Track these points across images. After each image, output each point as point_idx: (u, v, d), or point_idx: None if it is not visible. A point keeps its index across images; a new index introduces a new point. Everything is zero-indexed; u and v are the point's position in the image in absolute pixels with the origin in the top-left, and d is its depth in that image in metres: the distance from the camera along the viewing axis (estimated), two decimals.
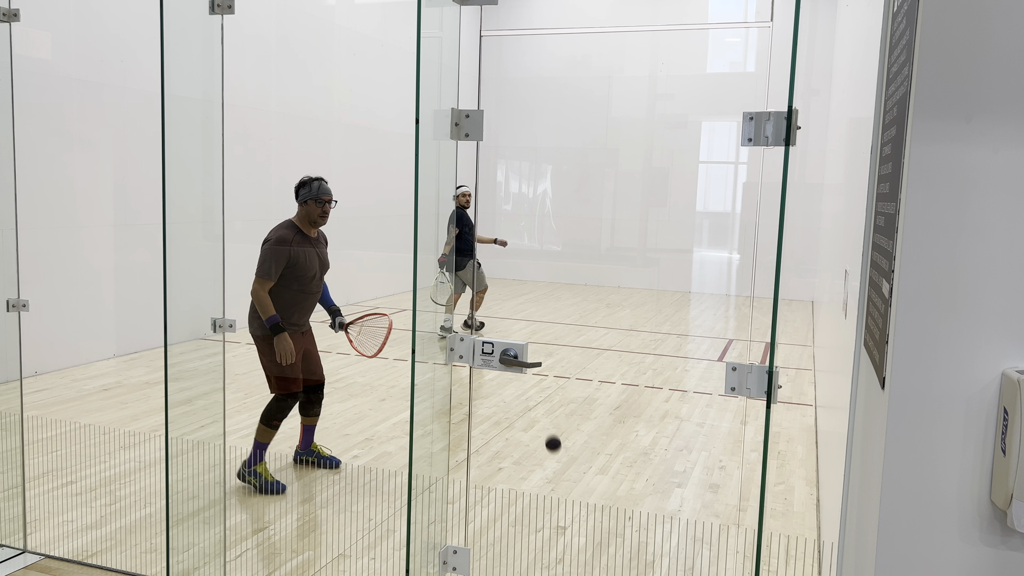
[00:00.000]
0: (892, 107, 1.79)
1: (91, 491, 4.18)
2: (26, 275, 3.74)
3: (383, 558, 3.56)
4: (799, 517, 4.10)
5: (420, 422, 2.62)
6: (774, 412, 3.40)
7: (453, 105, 2.41)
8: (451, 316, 8.33)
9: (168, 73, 2.83)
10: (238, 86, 8.26)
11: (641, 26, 13.34)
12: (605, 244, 13.87)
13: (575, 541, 3.76)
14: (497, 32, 14.05)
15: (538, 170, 14.21)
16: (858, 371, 2.19)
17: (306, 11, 9.70)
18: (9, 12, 3.29)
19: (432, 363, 2.61)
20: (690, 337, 9.31)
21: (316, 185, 4.33)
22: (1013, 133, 1.41)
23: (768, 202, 12.01)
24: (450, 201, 2.69)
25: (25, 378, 4.41)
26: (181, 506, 3.09)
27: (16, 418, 3.56)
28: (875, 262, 1.91)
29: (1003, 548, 1.49)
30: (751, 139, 2.01)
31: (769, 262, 12.53)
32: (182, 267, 2.99)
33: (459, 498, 3.95)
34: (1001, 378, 1.45)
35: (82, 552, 3.52)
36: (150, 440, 4.96)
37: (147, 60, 7.25)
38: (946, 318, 1.47)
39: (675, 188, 13.22)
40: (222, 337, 3.10)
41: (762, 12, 12.61)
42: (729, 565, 3.57)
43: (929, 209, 1.46)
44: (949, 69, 1.43)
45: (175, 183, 2.92)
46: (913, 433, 1.51)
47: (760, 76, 12.60)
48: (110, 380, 6.43)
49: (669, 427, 5.61)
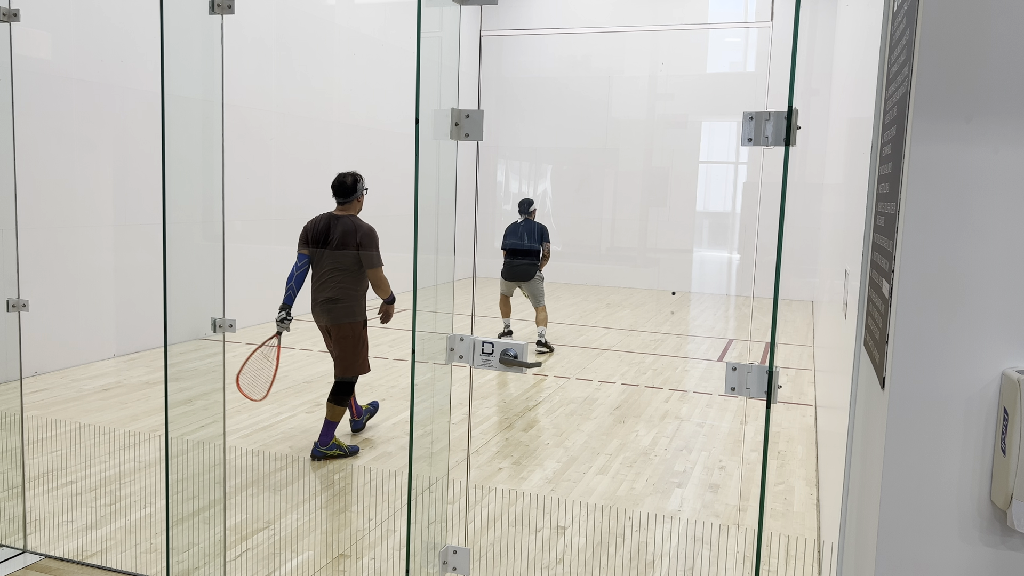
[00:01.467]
0: (892, 107, 1.79)
1: (91, 491, 4.18)
2: (26, 275, 3.74)
3: (383, 558, 3.56)
4: (799, 517, 4.10)
5: (420, 422, 2.62)
6: (774, 412, 3.40)
7: (453, 105, 2.41)
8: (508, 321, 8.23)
9: (168, 73, 2.83)
10: (238, 86, 8.27)
11: (641, 26, 13.34)
12: (605, 244, 13.87)
13: (575, 541, 3.76)
14: (497, 32, 14.05)
15: (538, 170, 14.21)
16: (858, 371, 2.19)
17: (306, 11, 9.70)
18: (9, 12, 3.29)
19: (432, 363, 2.60)
20: (690, 337, 9.31)
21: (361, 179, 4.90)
22: (1013, 133, 1.41)
23: (768, 202, 12.00)
24: (450, 201, 2.69)
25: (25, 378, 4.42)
26: (181, 506, 3.09)
27: (16, 418, 3.56)
28: (875, 262, 1.91)
29: (1003, 548, 1.49)
30: (751, 139, 2.01)
31: (769, 262, 12.53)
32: (182, 267, 2.99)
33: (459, 498, 3.95)
34: (1001, 378, 1.45)
35: (82, 552, 3.52)
36: (150, 440, 4.96)
37: (147, 60, 7.25)
38: (946, 318, 1.47)
39: (675, 188, 13.22)
40: (222, 337, 3.10)
41: (762, 12, 12.61)
42: (729, 565, 3.57)
43: (929, 209, 1.46)
44: (949, 69, 1.43)
45: (175, 183, 2.92)
46: (913, 433, 1.51)
47: (760, 76, 12.60)
48: (110, 380, 6.43)
49: (669, 427, 5.61)
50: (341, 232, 4.73)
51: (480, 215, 13.69)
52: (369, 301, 4.92)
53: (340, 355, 4.82)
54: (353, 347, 4.80)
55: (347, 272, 4.73)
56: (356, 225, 4.75)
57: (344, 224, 4.74)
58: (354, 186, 4.79)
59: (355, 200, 4.82)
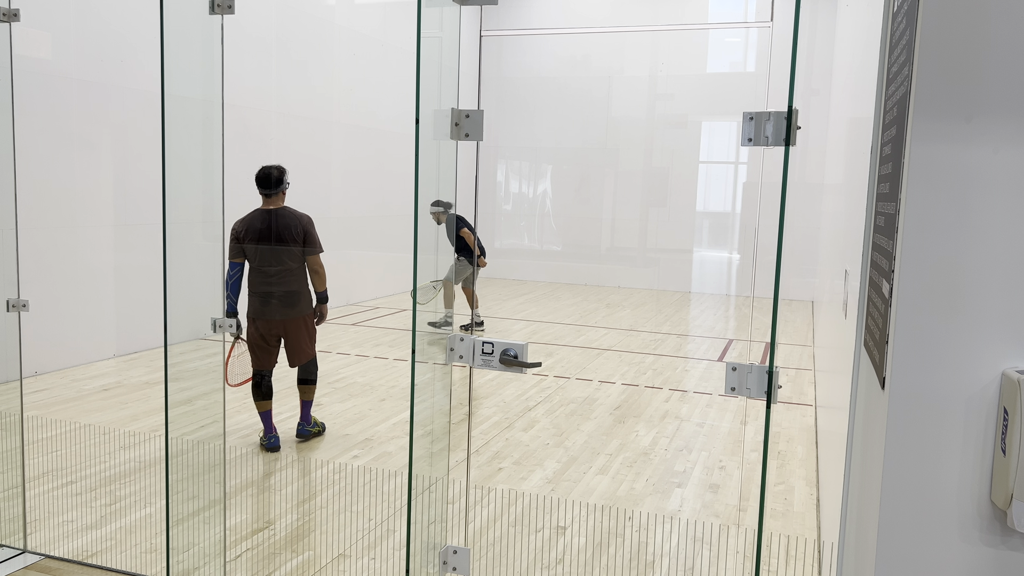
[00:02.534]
0: (892, 107, 1.79)
1: (91, 491, 4.18)
2: (26, 275, 3.74)
3: (383, 558, 3.56)
4: (799, 517, 4.10)
5: (420, 422, 2.62)
6: (774, 412, 3.40)
7: (453, 105, 2.41)
8: (450, 311, 8.36)
9: (168, 73, 2.83)
10: (238, 86, 8.27)
11: (641, 26, 13.34)
12: (605, 244, 13.87)
13: (575, 541, 3.76)
14: (497, 32, 14.05)
15: (538, 170, 14.21)
16: (858, 371, 2.19)
17: (306, 11, 9.70)
18: (9, 12, 3.29)
19: (432, 363, 2.61)
20: (690, 337, 9.31)
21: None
22: (1013, 133, 1.41)
23: (768, 202, 12.01)
24: (450, 201, 2.70)
25: (25, 378, 4.41)
26: (181, 506, 3.09)
27: (16, 418, 3.56)
28: (875, 262, 1.91)
29: (1003, 548, 1.49)
30: (751, 139, 2.01)
31: (769, 262, 12.53)
32: (182, 267, 2.99)
33: (459, 498, 3.95)
34: (1001, 378, 1.45)
35: (82, 552, 3.52)
36: (150, 440, 4.96)
37: (147, 60, 7.25)
38: (946, 318, 1.47)
39: (675, 188, 13.22)
40: (222, 337, 3.10)
41: (762, 12, 12.61)
42: (729, 565, 3.57)
43: (929, 209, 1.46)
44: (949, 69, 1.43)
45: (175, 183, 2.92)
46: (913, 433, 1.51)
47: (760, 76, 12.60)
48: (110, 380, 6.43)
49: (669, 427, 5.61)
50: (284, 224, 4.78)
51: (480, 215, 13.70)
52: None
53: (296, 346, 4.93)
54: (308, 336, 4.99)
55: (298, 264, 4.83)
56: (296, 215, 4.83)
57: (284, 216, 4.80)
58: (280, 178, 4.83)
59: (280, 192, 4.86)
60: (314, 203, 6.56)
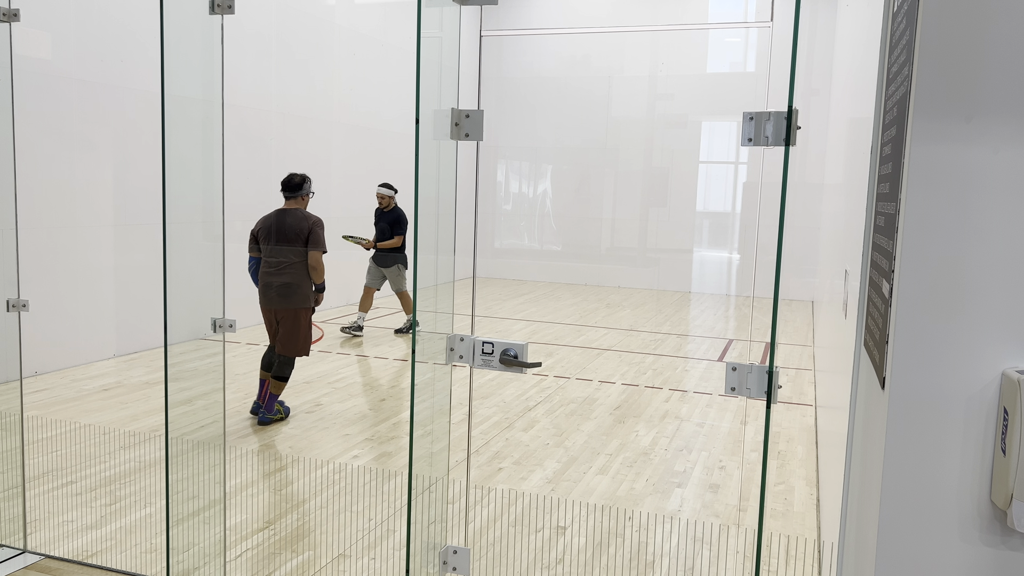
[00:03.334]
0: (892, 107, 1.79)
1: (91, 491, 4.18)
2: (26, 275, 3.74)
3: (383, 558, 3.56)
4: (799, 517, 4.10)
5: (420, 422, 2.62)
6: (774, 412, 3.40)
7: (453, 105, 2.41)
8: (363, 315, 8.48)
9: (168, 73, 2.83)
10: (238, 86, 8.27)
11: (641, 26, 13.34)
12: (605, 244, 13.87)
13: (575, 541, 3.76)
14: (497, 32, 14.05)
15: (538, 170, 14.21)
16: (858, 371, 2.19)
17: (306, 11, 9.70)
18: (9, 12, 3.29)
19: (432, 363, 2.61)
20: (690, 337, 9.31)
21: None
22: (1013, 133, 1.41)
23: (768, 202, 12.01)
24: (450, 201, 2.70)
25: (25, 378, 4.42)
26: (181, 506, 3.09)
27: (16, 418, 3.56)
28: (875, 262, 1.91)
29: (1003, 548, 1.49)
30: (751, 139, 2.01)
31: (769, 262, 12.54)
32: (182, 267, 2.99)
33: (459, 498, 3.95)
34: (1001, 378, 1.45)
35: (82, 552, 3.52)
36: (150, 440, 4.97)
37: (147, 60, 7.25)
38: (946, 318, 1.47)
39: (675, 188, 13.22)
40: (222, 337, 3.10)
41: (762, 12, 12.61)
42: (729, 565, 3.57)
43: (929, 209, 1.46)
44: (949, 69, 1.43)
45: (175, 183, 2.92)
46: (913, 433, 1.51)
47: (760, 76, 12.60)
48: (110, 380, 6.43)
49: (669, 427, 5.61)
50: (290, 223, 5.32)
51: (480, 215, 13.69)
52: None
53: (285, 335, 5.34)
54: (299, 329, 5.36)
55: (300, 259, 5.30)
56: (305, 216, 5.36)
57: (295, 215, 5.34)
58: (301, 184, 5.40)
59: (301, 196, 5.40)
60: (314, 203, 6.56)
